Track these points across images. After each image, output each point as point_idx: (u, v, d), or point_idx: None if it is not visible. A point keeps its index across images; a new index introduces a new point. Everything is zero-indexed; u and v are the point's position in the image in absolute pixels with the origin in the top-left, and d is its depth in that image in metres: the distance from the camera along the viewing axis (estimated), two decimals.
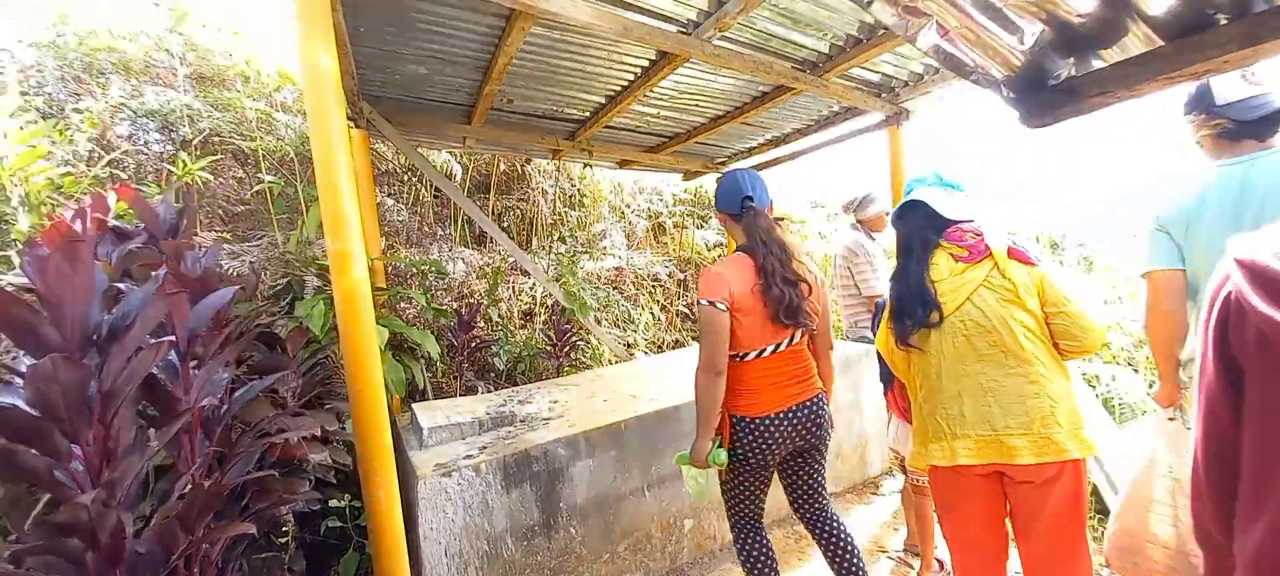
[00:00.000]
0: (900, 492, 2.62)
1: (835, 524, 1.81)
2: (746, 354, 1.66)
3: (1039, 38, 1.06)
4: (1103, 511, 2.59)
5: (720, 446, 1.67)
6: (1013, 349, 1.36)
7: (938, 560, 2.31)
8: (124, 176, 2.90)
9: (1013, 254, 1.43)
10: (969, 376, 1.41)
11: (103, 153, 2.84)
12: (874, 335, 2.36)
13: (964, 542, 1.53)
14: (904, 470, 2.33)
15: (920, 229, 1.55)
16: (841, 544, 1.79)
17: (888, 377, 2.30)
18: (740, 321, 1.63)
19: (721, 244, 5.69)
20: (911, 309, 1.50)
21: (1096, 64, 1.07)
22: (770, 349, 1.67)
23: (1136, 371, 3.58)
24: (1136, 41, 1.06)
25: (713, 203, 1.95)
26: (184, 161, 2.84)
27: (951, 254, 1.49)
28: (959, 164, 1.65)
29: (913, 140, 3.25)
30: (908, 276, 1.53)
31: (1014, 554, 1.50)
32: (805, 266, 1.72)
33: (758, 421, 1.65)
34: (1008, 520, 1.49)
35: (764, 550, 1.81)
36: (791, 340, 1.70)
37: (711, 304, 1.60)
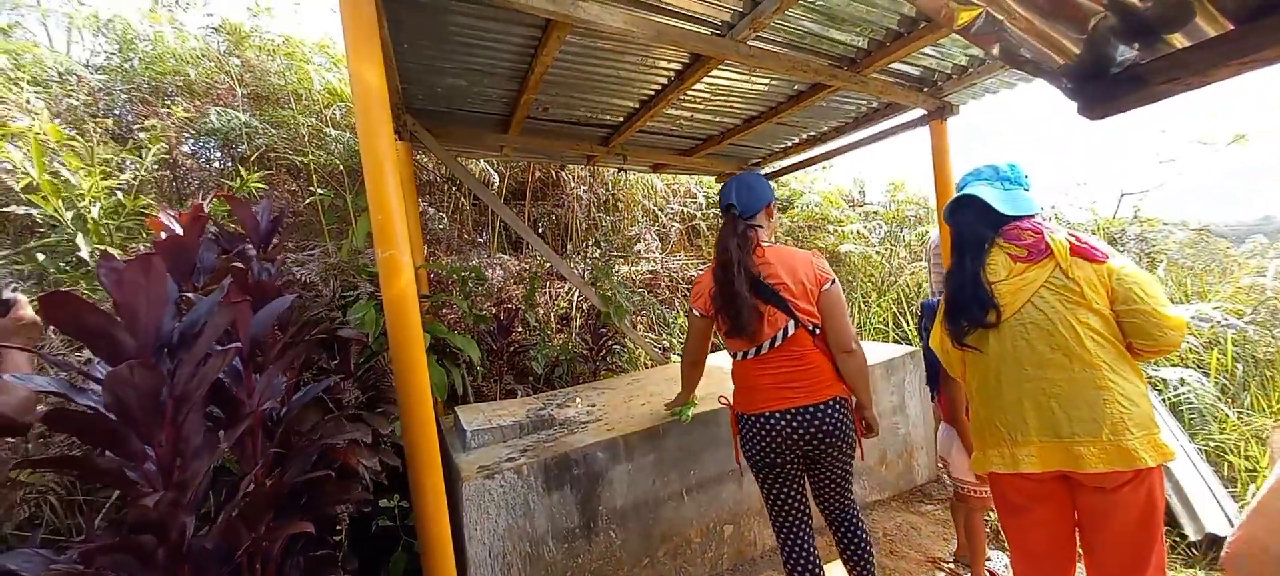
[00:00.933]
0: (949, 502, 2.52)
1: (852, 525, 1.83)
2: (737, 354, 1.81)
3: (1100, 23, 1.00)
4: (1171, 524, 2.44)
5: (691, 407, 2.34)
6: (1078, 352, 1.29)
7: (990, 572, 2.22)
8: (189, 192, 3.08)
9: (1076, 251, 1.34)
10: (1031, 380, 1.34)
11: (169, 171, 3.02)
12: (923, 337, 2.30)
13: (1027, 551, 1.46)
14: (951, 477, 2.24)
15: (973, 226, 1.49)
16: (855, 544, 1.81)
17: (935, 382, 2.22)
18: (720, 325, 1.81)
19: None
20: (967, 308, 1.43)
21: (1162, 50, 1.01)
22: (753, 352, 1.74)
23: (1208, 375, 3.35)
24: (1207, 24, 0.99)
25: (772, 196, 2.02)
26: (240, 175, 3.00)
27: (1010, 253, 1.42)
28: (1005, 157, 1.59)
29: (956, 135, 3.14)
30: (962, 275, 1.47)
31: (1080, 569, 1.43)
32: (780, 269, 1.75)
33: (755, 418, 1.75)
34: (1077, 530, 1.42)
35: (799, 556, 1.80)
36: (774, 342, 1.72)
37: (692, 311, 1.92)
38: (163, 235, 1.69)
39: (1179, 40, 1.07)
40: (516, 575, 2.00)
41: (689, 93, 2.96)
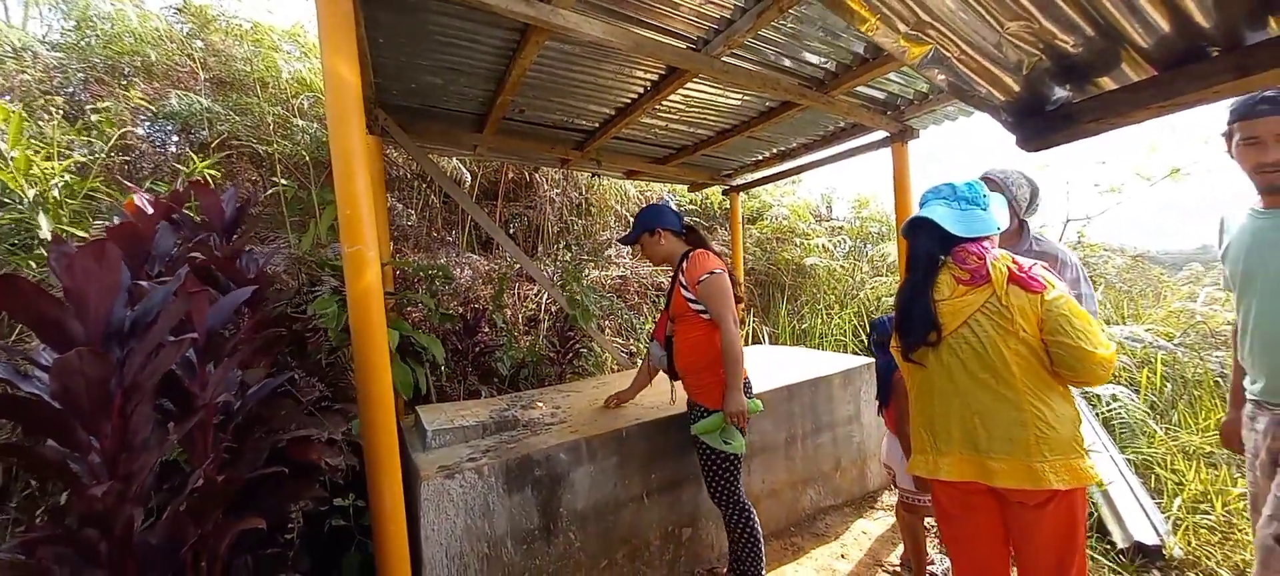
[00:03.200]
0: (896, 508, 2.63)
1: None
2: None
3: (1037, 65, 1.09)
4: (1100, 532, 2.59)
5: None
6: (1005, 376, 1.37)
7: (932, 575, 2.32)
8: (142, 176, 2.97)
9: (1014, 278, 1.40)
10: (960, 397, 1.44)
11: (123, 154, 2.91)
12: (875, 353, 2.40)
13: (963, 557, 1.55)
14: (896, 486, 2.35)
15: (927, 246, 1.55)
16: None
17: (885, 396, 2.33)
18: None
19: (724, 255, 5.73)
20: (913, 326, 1.52)
21: (1092, 92, 1.10)
22: None
23: (1138, 392, 3.57)
24: (1130, 70, 1.09)
25: (654, 221, 2.30)
26: (194, 161, 2.90)
27: (955, 275, 1.49)
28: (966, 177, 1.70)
29: (915, 157, 3.28)
30: (911, 293, 1.55)
31: None
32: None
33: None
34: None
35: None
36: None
37: (723, 272, 2.11)
38: (116, 219, 1.64)
39: (1108, 83, 1.17)
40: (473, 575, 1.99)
41: (664, 103, 3.01)
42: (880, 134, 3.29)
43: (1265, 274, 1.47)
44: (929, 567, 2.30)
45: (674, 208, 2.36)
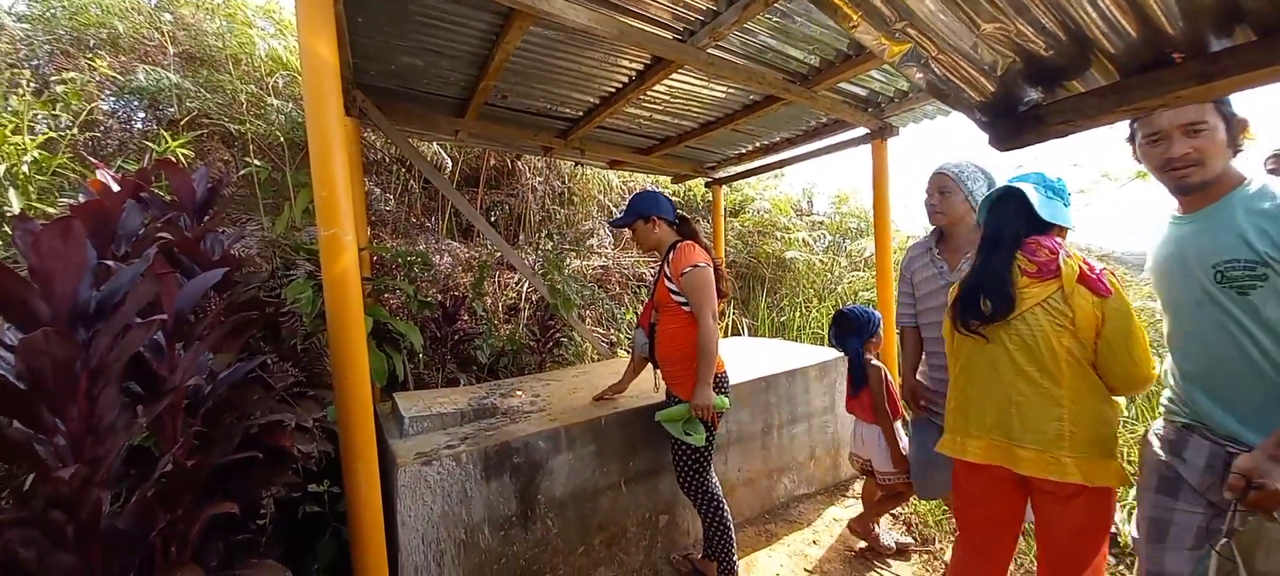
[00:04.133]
0: (862, 491, 2.71)
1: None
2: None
3: (1010, 67, 1.12)
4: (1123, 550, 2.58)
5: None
6: (1052, 372, 1.37)
7: (875, 534, 2.46)
8: (107, 153, 2.86)
9: (1084, 279, 1.38)
10: (1001, 386, 1.44)
11: (88, 129, 2.80)
12: (835, 344, 2.49)
13: (969, 538, 1.61)
14: (867, 473, 2.43)
15: (1015, 224, 1.50)
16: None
17: (857, 386, 2.39)
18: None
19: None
20: (991, 300, 1.45)
21: (1061, 94, 1.14)
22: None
23: None
24: (1098, 74, 1.13)
25: (650, 209, 2.28)
26: (165, 139, 2.82)
27: (1021, 265, 1.46)
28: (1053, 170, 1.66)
29: (893, 156, 3.34)
30: (989, 267, 1.49)
31: None
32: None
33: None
34: (1021, 535, 1.58)
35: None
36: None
37: (708, 266, 2.10)
38: (81, 197, 1.59)
39: (1077, 87, 1.21)
40: (449, 563, 1.99)
41: (649, 93, 3.01)
42: (861, 130, 3.33)
43: (1187, 284, 1.27)
44: (874, 528, 2.45)
45: (668, 198, 2.37)
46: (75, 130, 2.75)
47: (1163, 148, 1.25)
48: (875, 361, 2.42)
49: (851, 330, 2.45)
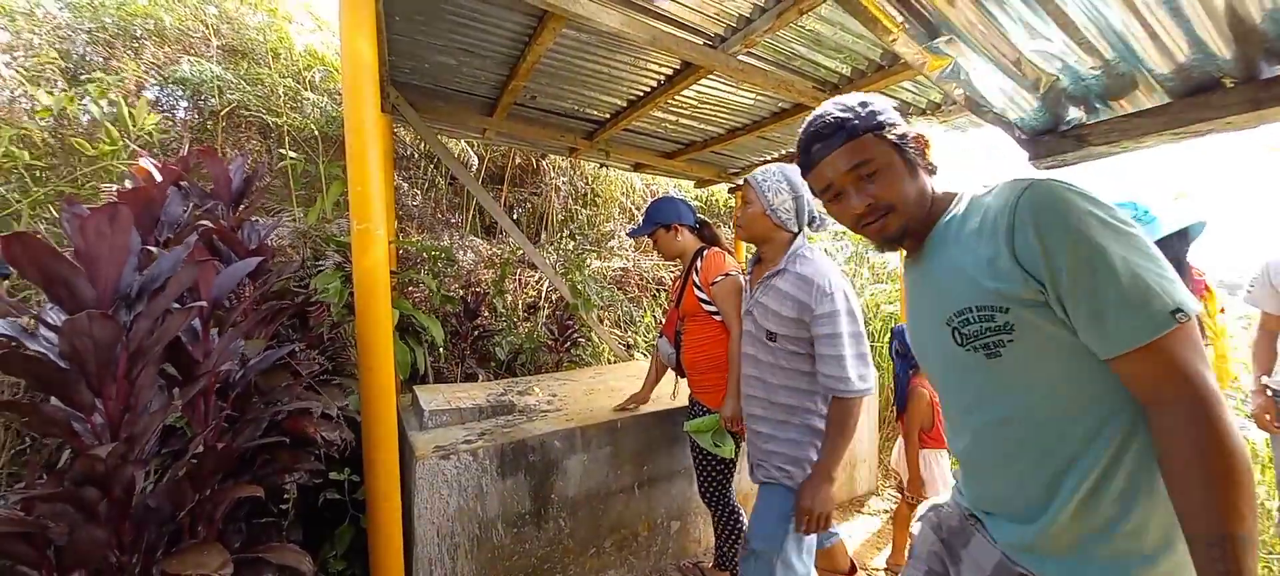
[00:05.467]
0: (893, 513, 2.65)
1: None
2: None
3: (1053, 85, 1.10)
4: None
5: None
6: None
7: None
8: (151, 143, 2.96)
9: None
10: None
11: (130, 120, 2.90)
12: (894, 360, 2.44)
13: None
14: (901, 491, 2.38)
15: (1176, 253, 1.46)
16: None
17: (901, 402, 2.37)
18: None
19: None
20: None
21: (1105, 114, 1.10)
22: None
23: None
24: (1145, 96, 1.09)
25: (672, 216, 2.26)
26: (208, 128, 2.90)
27: None
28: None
29: None
30: None
31: None
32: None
33: None
34: None
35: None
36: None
37: (738, 275, 2.05)
38: (127, 183, 1.65)
39: (1122, 107, 1.17)
40: (463, 556, 2.01)
41: (677, 97, 3.00)
42: None
43: (934, 342, 0.96)
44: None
45: (689, 203, 2.36)
46: (106, 118, 2.85)
47: (843, 204, 0.98)
48: (922, 388, 2.36)
49: (903, 352, 2.44)
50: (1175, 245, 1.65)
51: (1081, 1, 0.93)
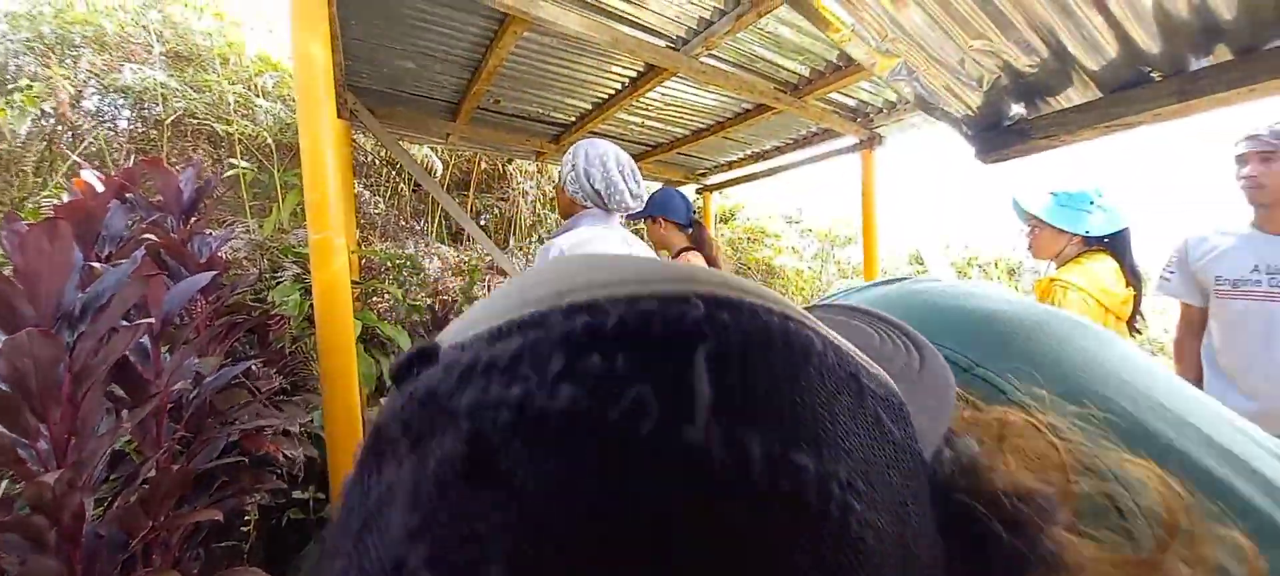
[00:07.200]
0: None
1: None
2: None
3: (995, 82, 1.15)
4: None
5: None
6: None
7: None
8: (91, 154, 2.82)
9: None
10: None
11: (68, 129, 2.76)
12: None
13: None
14: None
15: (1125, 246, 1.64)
16: None
17: None
18: None
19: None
20: None
21: (1044, 110, 1.17)
22: None
23: None
24: (1081, 91, 1.16)
25: (655, 210, 2.25)
26: (151, 138, 2.78)
27: None
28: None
29: (881, 166, 3.39)
30: None
31: None
32: None
33: None
34: None
35: None
36: None
37: None
38: (65, 197, 1.56)
39: (1060, 103, 1.24)
40: None
41: (641, 100, 3.03)
42: (851, 139, 3.38)
43: None
44: None
45: (685, 199, 2.31)
46: (42, 129, 2.70)
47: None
48: None
49: None
50: (1126, 239, 1.77)
51: (1018, 1, 0.99)
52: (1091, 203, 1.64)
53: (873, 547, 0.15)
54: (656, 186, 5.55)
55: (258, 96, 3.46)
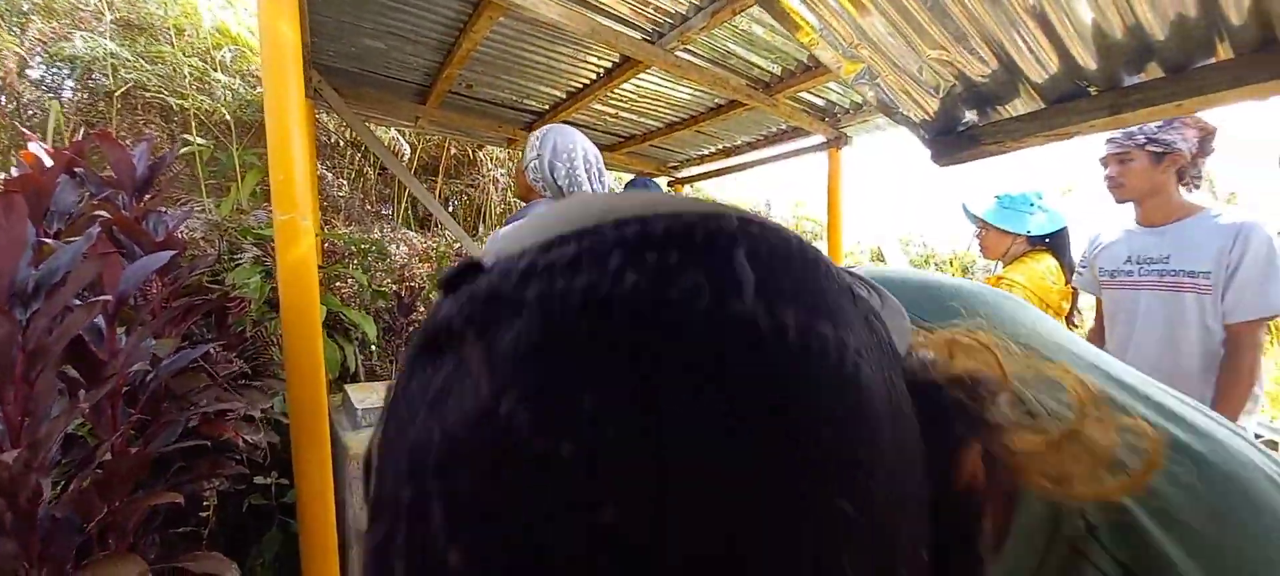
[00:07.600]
0: None
1: None
2: None
3: (950, 90, 1.23)
4: None
5: None
6: None
7: None
8: (34, 124, 2.66)
9: None
10: None
11: (12, 99, 2.60)
12: None
13: None
14: None
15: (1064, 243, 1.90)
16: None
17: None
18: None
19: None
20: None
21: (993, 117, 1.25)
22: None
23: None
24: (1027, 101, 1.25)
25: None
26: (100, 111, 2.65)
27: None
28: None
29: (848, 165, 3.50)
30: None
31: None
32: None
33: None
34: None
35: None
36: None
37: None
38: (13, 170, 1.49)
39: (1008, 111, 1.33)
40: None
41: (616, 91, 3.04)
42: (819, 138, 3.47)
43: None
44: None
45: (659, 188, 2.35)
46: (4, 99, 2.55)
47: None
48: None
49: None
50: (1065, 237, 1.90)
51: (971, 16, 1.05)
52: (1032, 204, 1.76)
53: (877, 397, 0.19)
54: (629, 177, 5.59)
55: (215, 71, 3.32)
